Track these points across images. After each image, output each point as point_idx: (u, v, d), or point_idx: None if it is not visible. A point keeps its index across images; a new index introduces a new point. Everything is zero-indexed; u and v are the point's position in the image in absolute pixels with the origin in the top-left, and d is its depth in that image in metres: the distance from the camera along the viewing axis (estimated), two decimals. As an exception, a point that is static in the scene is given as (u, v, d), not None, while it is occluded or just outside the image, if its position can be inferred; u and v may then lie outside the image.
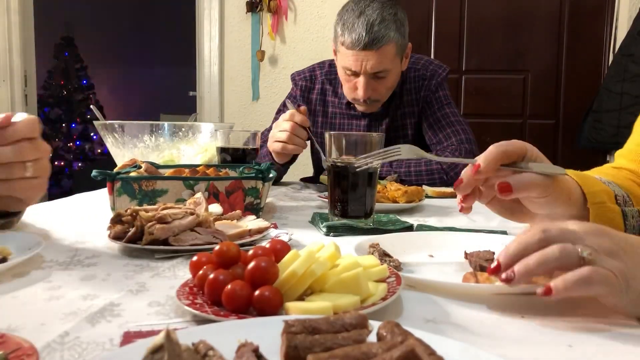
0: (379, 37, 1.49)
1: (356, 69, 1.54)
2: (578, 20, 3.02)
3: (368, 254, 0.70)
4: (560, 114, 3.07)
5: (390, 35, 1.51)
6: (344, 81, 1.63)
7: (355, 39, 1.49)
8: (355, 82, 1.58)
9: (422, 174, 1.59)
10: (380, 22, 1.49)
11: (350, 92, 1.63)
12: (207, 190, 0.95)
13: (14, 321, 0.50)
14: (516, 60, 3.06)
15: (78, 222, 1.02)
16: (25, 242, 0.72)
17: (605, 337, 0.48)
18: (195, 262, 0.58)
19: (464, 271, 0.70)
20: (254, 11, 3.20)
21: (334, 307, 0.48)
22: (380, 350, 0.33)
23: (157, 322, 0.51)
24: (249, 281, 0.52)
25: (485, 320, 0.53)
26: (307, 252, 0.53)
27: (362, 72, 1.54)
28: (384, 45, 1.50)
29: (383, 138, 0.97)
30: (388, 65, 1.55)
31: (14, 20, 3.27)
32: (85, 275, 0.66)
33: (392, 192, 1.21)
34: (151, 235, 0.73)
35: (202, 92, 3.36)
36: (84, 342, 0.46)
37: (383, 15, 1.50)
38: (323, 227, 0.94)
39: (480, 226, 1.00)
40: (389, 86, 1.62)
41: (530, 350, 0.46)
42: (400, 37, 1.54)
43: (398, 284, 0.55)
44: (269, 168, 1.01)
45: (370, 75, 1.55)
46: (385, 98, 1.66)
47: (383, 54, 1.52)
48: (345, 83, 1.63)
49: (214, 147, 1.37)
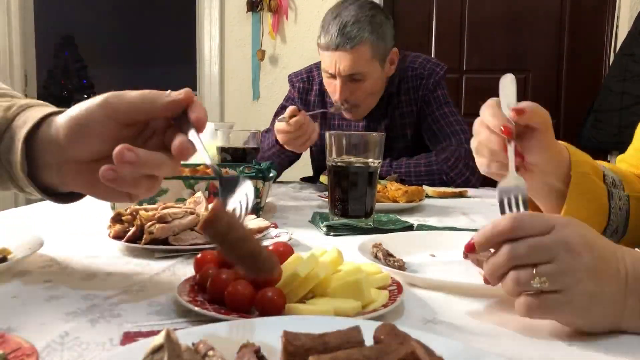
0: (351, 37, 1.49)
1: (331, 71, 1.55)
2: (579, 20, 3.02)
3: (371, 254, 0.71)
4: (560, 114, 3.07)
5: (363, 36, 1.50)
6: (326, 84, 1.64)
7: (329, 39, 1.51)
8: (335, 84, 1.58)
9: (422, 174, 1.58)
10: (354, 23, 1.49)
11: (332, 95, 1.63)
12: (207, 190, 0.95)
13: (14, 321, 0.50)
14: (516, 60, 3.05)
15: (78, 222, 1.02)
16: (25, 242, 0.72)
17: (605, 337, 0.48)
18: (200, 258, 0.58)
19: (466, 270, 0.70)
20: (255, 10, 3.20)
21: (335, 311, 0.48)
22: (381, 353, 0.33)
23: (157, 322, 0.51)
24: (252, 281, 0.51)
25: (485, 320, 0.53)
26: (310, 255, 0.53)
27: (336, 73, 1.54)
28: (356, 45, 1.50)
29: (383, 138, 0.97)
30: (363, 67, 1.54)
31: (14, 20, 3.27)
32: (85, 275, 0.66)
33: (392, 192, 1.21)
34: (151, 234, 0.73)
35: (202, 91, 3.36)
36: (84, 342, 0.46)
37: (358, 17, 1.50)
38: (323, 227, 0.94)
39: (480, 226, 1.00)
40: (368, 91, 1.60)
41: (530, 350, 0.46)
42: (377, 39, 1.53)
43: (399, 292, 0.55)
44: (269, 168, 1.01)
45: (346, 78, 1.55)
46: (368, 104, 1.65)
47: (357, 55, 1.51)
48: (327, 86, 1.64)
49: (214, 147, 1.37)
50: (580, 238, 0.48)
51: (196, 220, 0.78)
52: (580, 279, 0.47)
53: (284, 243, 0.61)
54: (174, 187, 0.94)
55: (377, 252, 0.70)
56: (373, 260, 0.67)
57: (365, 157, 0.95)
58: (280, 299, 0.50)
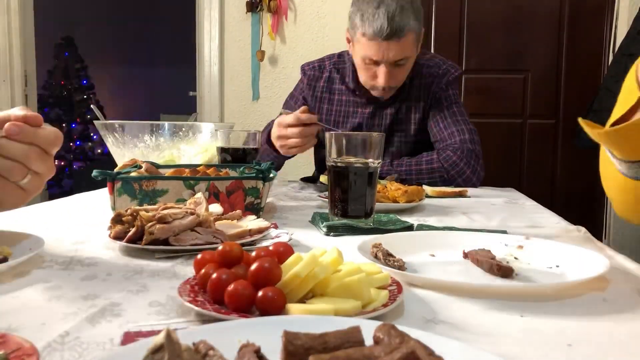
0: (400, 27, 1.51)
1: (378, 59, 1.57)
2: (578, 20, 3.02)
3: (371, 254, 0.71)
4: (560, 114, 3.07)
5: (410, 24, 1.53)
6: (363, 70, 1.65)
7: (377, 29, 1.51)
8: (375, 70, 1.61)
9: (423, 172, 1.59)
10: (400, 11, 1.51)
11: (369, 80, 1.65)
12: (207, 190, 0.95)
13: (15, 321, 0.50)
14: (516, 60, 3.05)
15: (78, 222, 1.02)
16: (25, 242, 0.72)
17: (605, 337, 0.48)
18: (199, 259, 0.58)
19: (466, 270, 0.70)
20: (254, 11, 3.20)
21: (335, 311, 0.48)
22: (382, 353, 0.33)
23: (157, 322, 0.51)
24: (252, 281, 0.52)
25: (485, 320, 0.53)
26: (310, 255, 0.53)
27: (383, 61, 1.57)
28: (405, 34, 1.53)
29: (383, 138, 0.97)
30: (408, 53, 1.58)
31: (14, 20, 3.27)
32: (85, 275, 0.66)
33: (392, 192, 1.21)
34: (151, 235, 0.73)
35: (202, 92, 3.36)
36: (84, 342, 0.46)
37: (401, 4, 1.52)
38: (323, 227, 0.94)
39: (480, 226, 1.00)
40: (407, 70, 1.66)
41: (530, 350, 0.46)
42: (419, 24, 1.58)
43: (399, 292, 0.55)
44: (270, 168, 1.01)
45: (392, 64, 1.58)
46: (401, 83, 1.69)
47: (405, 42, 1.55)
48: (364, 72, 1.65)
49: (214, 147, 1.37)
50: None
51: (196, 221, 0.78)
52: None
53: (284, 243, 0.61)
54: (174, 188, 0.94)
55: (376, 252, 0.70)
56: (373, 260, 0.67)
57: (365, 157, 0.95)
58: (280, 298, 0.50)
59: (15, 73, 3.30)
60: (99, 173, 0.93)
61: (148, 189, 0.93)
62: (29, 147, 0.64)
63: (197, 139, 1.41)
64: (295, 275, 0.51)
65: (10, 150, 0.63)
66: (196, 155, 1.40)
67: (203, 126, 1.43)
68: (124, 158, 1.34)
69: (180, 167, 1.11)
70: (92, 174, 0.93)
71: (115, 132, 1.36)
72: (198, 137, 1.41)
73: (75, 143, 8.04)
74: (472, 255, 0.73)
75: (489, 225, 1.02)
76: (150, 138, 1.36)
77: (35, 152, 0.64)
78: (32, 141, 0.64)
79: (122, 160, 1.25)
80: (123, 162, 1.17)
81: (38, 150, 0.65)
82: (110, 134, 1.37)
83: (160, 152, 1.37)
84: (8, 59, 3.27)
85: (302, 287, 0.52)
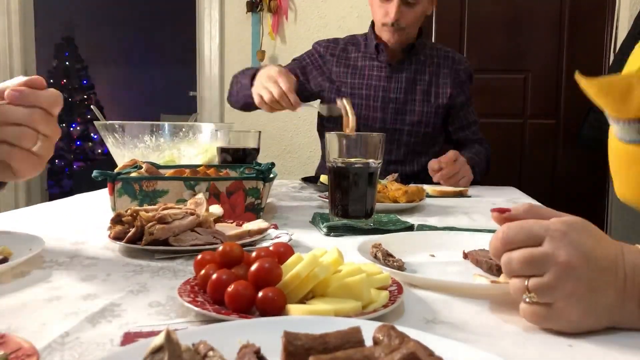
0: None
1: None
2: (578, 20, 3.02)
3: (371, 254, 0.71)
4: (560, 114, 3.07)
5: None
6: (377, 8, 1.76)
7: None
8: (387, 7, 1.72)
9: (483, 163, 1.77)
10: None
11: (382, 17, 1.75)
12: (207, 191, 0.95)
13: (15, 321, 0.50)
14: (516, 60, 3.05)
15: (78, 222, 1.02)
16: (25, 242, 0.72)
17: (606, 337, 0.48)
18: (200, 260, 0.58)
19: (466, 270, 0.70)
20: (254, 11, 3.20)
21: (335, 311, 0.48)
22: (381, 354, 0.33)
23: (157, 323, 0.51)
24: (253, 282, 0.52)
25: (485, 320, 0.53)
26: (310, 256, 0.53)
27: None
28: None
29: (384, 138, 0.97)
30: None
31: (14, 20, 3.27)
32: (85, 275, 0.66)
33: (393, 192, 1.21)
34: (151, 235, 0.73)
35: (202, 92, 3.36)
36: (84, 343, 0.46)
37: None
38: (324, 227, 0.94)
39: (480, 226, 1.00)
40: (417, 16, 1.75)
41: (530, 350, 0.46)
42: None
43: (400, 293, 0.55)
44: (270, 168, 1.01)
45: (403, 1, 1.69)
46: (411, 31, 1.78)
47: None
48: (378, 9, 1.76)
49: (214, 148, 1.37)
50: (574, 249, 0.47)
51: (196, 221, 0.78)
52: (572, 292, 0.47)
53: (284, 244, 0.61)
54: (174, 188, 0.94)
55: (376, 253, 0.70)
56: (372, 260, 0.67)
57: (366, 158, 0.95)
58: (280, 299, 0.50)
59: (15, 73, 3.30)
60: (99, 173, 0.93)
61: (148, 189, 0.93)
62: (32, 109, 0.64)
63: (198, 139, 1.41)
64: (295, 276, 0.51)
65: (14, 114, 0.63)
66: (196, 155, 1.40)
67: (203, 126, 1.43)
68: (124, 158, 1.33)
69: (180, 167, 1.11)
70: (92, 174, 0.93)
71: (115, 133, 1.36)
72: (198, 138, 1.41)
73: (75, 143, 8.04)
74: (472, 256, 0.73)
75: (489, 225, 1.02)
76: (151, 138, 1.36)
77: (39, 114, 0.64)
78: (34, 103, 0.64)
79: (122, 161, 1.25)
80: (123, 162, 1.17)
81: (41, 112, 0.65)
82: (110, 135, 1.37)
83: (160, 152, 1.37)
84: (8, 59, 3.27)
85: (303, 287, 0.52)
